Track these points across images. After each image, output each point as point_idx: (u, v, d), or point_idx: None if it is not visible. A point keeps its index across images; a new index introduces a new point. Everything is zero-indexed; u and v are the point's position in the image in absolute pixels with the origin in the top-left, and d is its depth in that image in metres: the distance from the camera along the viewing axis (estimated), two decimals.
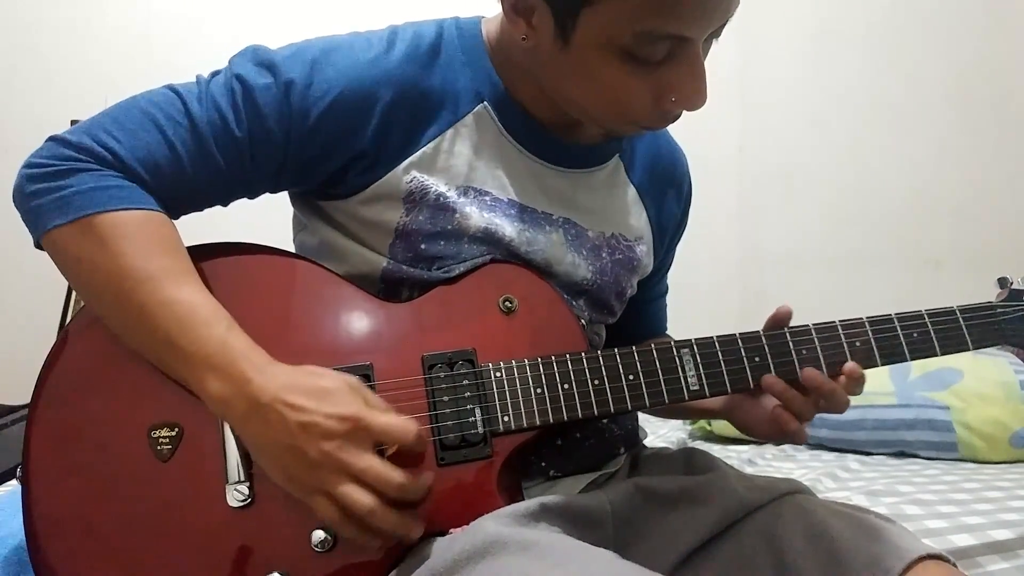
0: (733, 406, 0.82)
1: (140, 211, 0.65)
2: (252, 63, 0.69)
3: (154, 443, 0.65)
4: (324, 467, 0.58)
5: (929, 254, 2.01)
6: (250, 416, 0.60)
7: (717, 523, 0.69)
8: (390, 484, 0.58)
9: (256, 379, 0.60)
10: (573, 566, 0.53)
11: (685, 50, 0.63)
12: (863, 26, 2.13)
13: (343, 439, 0.58)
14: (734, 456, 1.46)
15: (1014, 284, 0.77)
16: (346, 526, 0.59)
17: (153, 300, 0.62)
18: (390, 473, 0.58)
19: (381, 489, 0.58)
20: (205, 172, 0.68)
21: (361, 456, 0.58)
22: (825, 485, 1.27)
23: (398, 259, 0.73)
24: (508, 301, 0.72)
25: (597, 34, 0.62)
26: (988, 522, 1.01)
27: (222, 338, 0.62)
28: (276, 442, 0.59)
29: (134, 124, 0.66)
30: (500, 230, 0.73)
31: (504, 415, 0.68)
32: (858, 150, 2.15)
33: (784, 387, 0.71)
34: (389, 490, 0.58)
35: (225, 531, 0.63)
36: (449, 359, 0.69)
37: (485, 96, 0.75)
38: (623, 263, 0.83)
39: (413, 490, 0.60)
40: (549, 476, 0.75)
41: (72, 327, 0.69)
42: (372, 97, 0.70)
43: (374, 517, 0.58)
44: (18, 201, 0.66)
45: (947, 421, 1.43)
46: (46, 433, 0.65)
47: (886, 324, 0.73)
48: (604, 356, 0.71)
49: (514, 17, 0.67)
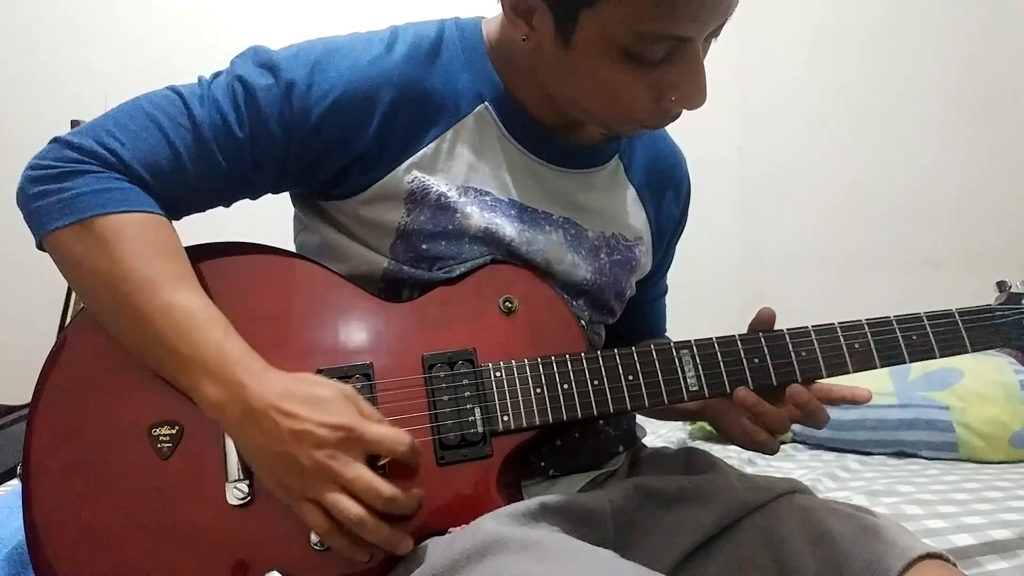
0: (712, 410, 0.82)
1: (140, 214, 0.65)
2: (253, 64, 0.69)
3: (154, 441, 0.65)
4: (315, 475, 0.58)
5: (929, 254, 2.01)
6: (244, 422, 0.60)
7: (717, 523, 0.69)
8: (379, 496, 0.58)
9: (251, 385, 0.60)
10: (573, 565, 0.53)
11: (685, 50, 0.63)
12: (863, 26, 2.13)
13: (335, 448, 0.58)
14: (734, 456, 1.46)
15: (1012, 288, 0.77)
16: (334, 536, 0.59)
17: (151, 304, 0.62)
18: (380, 485, 0.58)
19: (369, 501, 0.58)
20: (207, 173, 0.68)
21: (351, 466, 0.58)
22: (825, 485, 1.27)
23: (399, 259, 0.73)
24: (508, 301, 0.73)
25: (597, 35, 0.63)
26: (988, 522, 1.01)
27: (219, 343, 0.62)
28: (268, 449, 0.59)
29: (136, 126, 0.67)
30: (500, 230, 0.74)
31: (504, 415, 0.68)
32: (858, 150, 2.15)
33: (756, 401, 0.71)
34: (377, 502, 0.58)
35: (224, 529, 0.63)
36: (449, 359, 0.69)
37: (486, 96, 0.75)
38: (622, 263, 0.83)
39: (402, 504, 0.60)
40: (548, 475, 0.75)
41: (73, 326, 0.69)
42: (373, 98, 0.70)
43: (362, 528, 0.58)
44: (21, 202, 0.66)
45: (947, 421, 1.43)
46: (47, 432, 0.65)
47: (885, 326, 0.73)
48: (604, 356, 0.71)
49: (514, 18, 0.67)
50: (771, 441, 0.73)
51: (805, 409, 0.70)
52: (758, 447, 0.74)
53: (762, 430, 0.72)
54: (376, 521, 0.58)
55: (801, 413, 0.71)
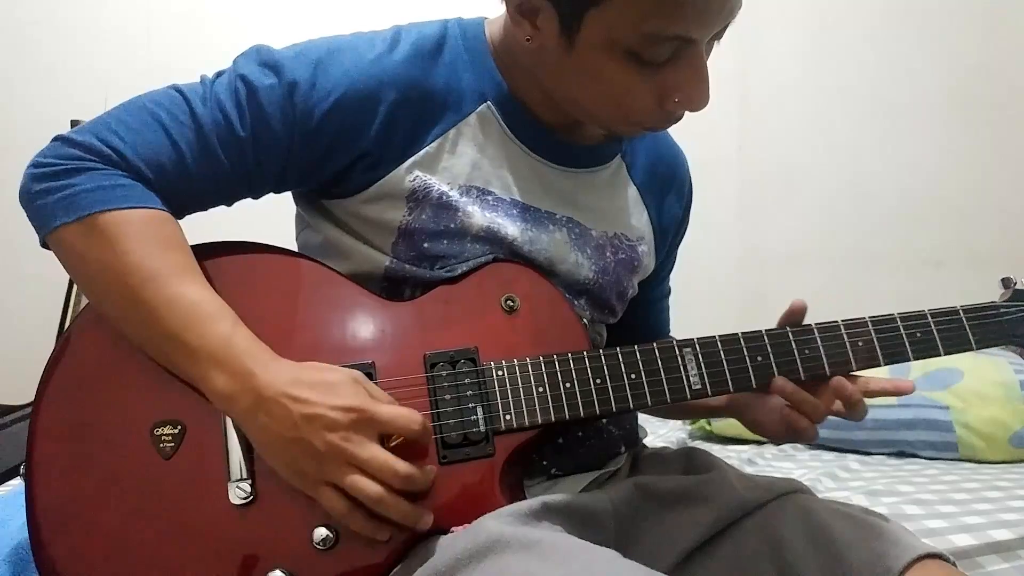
0: (742, 405, 0.82)
1: (145, 210, 0.65)
2: (256, 63, 0.69)
3: (157, 441, 0.65)
4: (330, 458, 0.58)
5: (929, 254, 2.01)
6: (255, 411, 0.60)
7: (717, 522, 0.69)
8: (396, 474, 0.59)
9: (261, 374, 0.60)
10: (575, 565, 0.53)
11: (689, 51, 0.64)
12: (863, 26, 2.13)
13: (348, 430, 0.58)
14: (734, 456, 1.46)
15: (1017, 284, 0.77)
16: (354, 517, 0.60)
17: (158, 297, 0.62)
18: (395, 463, 0.59)
19: (386, 479, 0.59)
20: (209, 172, 0.68)
21: (366, 446, 0.59)
22: (825, 485, 1.27)
23: (401, 258, 0.73)
24: (510, 300, 0.73)
25: (602, 35, 0.63)
26: (988, 522, 1.01)
27: (227, 334, 0.62)
28: (281, 436, 0.59)
29: (139, 124, 0.67)
30: (503, 229, 0.74)
31: (506, 414, 0.68)
32: (858, 150, 2.15)
33: (794, 388, 0.71)
34: (394, 480, 0.59)
35: (227, 528, 0.63)
36: (451, 358, 0.69)
37: (488, 96, 0.75)
38: (625, 263, 0.83)
39: (418, 480, 0.60)
40: (551, 475, 0.75)
41: (76, 326, 0.69)
42: (376, 97, 0.70)
43: (382, 505, 0.59)
44: (24, 200, 0.66)
45: (947, 421, 1.43)
46: (49, 431, 0.65)
47: (889, 324, 0.73)
48: (606, 355, 0.71)
49: (519, 18, 0.67)
50: (812, 428, 0.72)
51: (849, 401, 0.70)
52: (799, 435, 0.73)
53: (802, 417, 0.72)
54: (395, 498, 0.59)
55: (844, 406, 0.71)
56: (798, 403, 0.72)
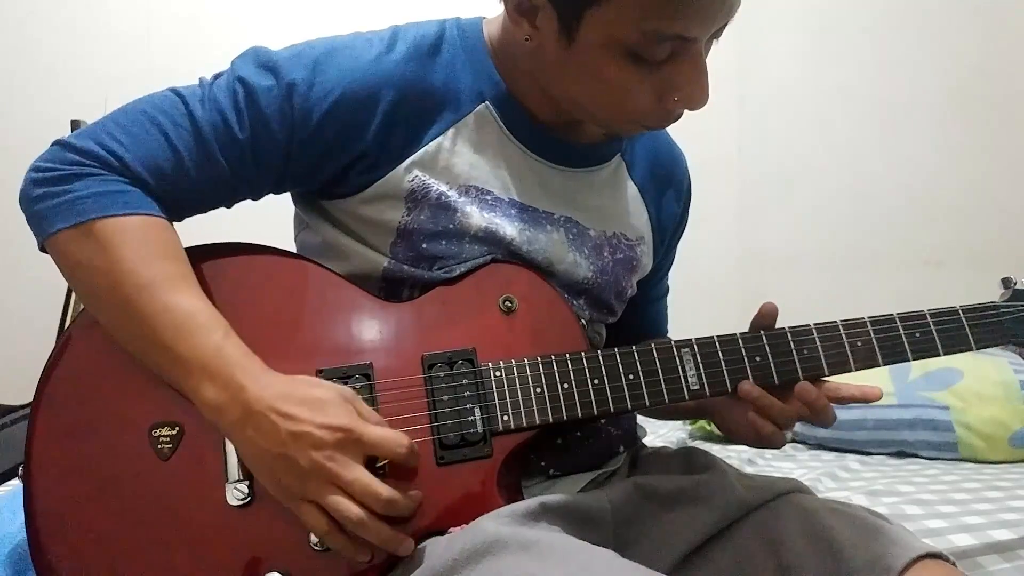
0: (715, 408, 0.82)
1: (141, 216, 0.65)
2: (254, 65, 0.70)
3: (155, 442, 0.65)
4: (313, 477, 0.58)
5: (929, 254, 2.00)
6: (243, 423, 0.60)
7: (717, 522, 0.69)
8: (378, 498, 0.58)
9: (250, 387, 0.60)
10: (574, 565, 0.53)
11: (688, 50, 0.64)
12: (863, 26, 2.13)
13: (334, 449, 0.58)
14: (734, 456, 1.46)
15: (1017, 284, 0.76)
16: (334, 536, 0.59)
17: (151, 306, 0.62)
18: (378, 487, 0.58)
19: (367, 503, 0.58)
20: (208, 174, 0.68)
21: (350, 467, 0.58)
22: (825, 485, 1.27)
23: (399, 258, 0.73)
24: (508, 301, 0.72)
25: (601, 34, 0.63)
26: (988, 522, 1.01)
27: (218, 345, 0.62)
28: (267, 450, 0.59)
29: (137, 128, 0.67)
30: (501, 230, 0.74)
31: (504, 414, 0.68)
32: (858, 150, 2.14)
33: (760, 394, 0.70)
34: (376, 504, 0.58)
35: (225, 529, 0.63)
36: (449, 358, 0.69)
37: (487, 96, 0.75)
38: (624, 263, 0.83)
39: (400, 506, 0.60)
40: (549, 475, 0.75)
41: (75, 326, 0.69)
42: (374, 97, 0.70)
43: (362, 529, 0.58)
44: (23, 204, 0.67)
45: (947, 421, 1.43)
46: (48, 432, 0.66)
47: (888, 324, 0.73)
48: (604, 356, 0.71)
49: (517, 18, 0.67)
50: (778, 434, 0.72)
51: (814, 407, 0.70)
52: (765, 441, 0.73)
53: (769, 423, 0.72)
54: (376, 522, 0.59)
55: (810, 411, 0.70)
56: (764, 408, 0.71)
